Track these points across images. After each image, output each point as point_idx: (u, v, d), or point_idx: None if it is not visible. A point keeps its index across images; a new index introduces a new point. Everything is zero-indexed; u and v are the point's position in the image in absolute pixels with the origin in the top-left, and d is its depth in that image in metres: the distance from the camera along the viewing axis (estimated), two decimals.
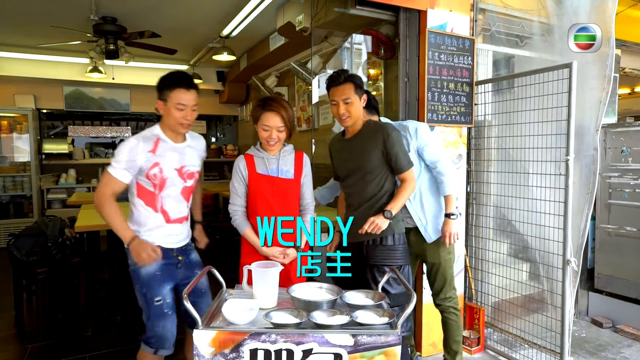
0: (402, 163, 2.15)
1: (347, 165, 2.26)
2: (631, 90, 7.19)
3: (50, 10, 4.27)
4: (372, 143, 2.16)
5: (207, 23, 4.71)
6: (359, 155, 2.19)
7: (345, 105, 2.13)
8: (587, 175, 2.81)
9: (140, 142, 1.99)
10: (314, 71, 3.94)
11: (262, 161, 2.11)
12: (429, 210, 2.46)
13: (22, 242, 3.31)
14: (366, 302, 1.61)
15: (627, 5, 4.02)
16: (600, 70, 2.79)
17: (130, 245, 1.98)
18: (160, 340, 2.05)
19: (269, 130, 2.05)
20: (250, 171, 2.10)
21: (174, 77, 2.01)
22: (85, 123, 7.70)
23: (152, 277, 2.03)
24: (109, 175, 2.01)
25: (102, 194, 2.00)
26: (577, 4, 2.87)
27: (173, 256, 2.09)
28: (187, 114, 2.00)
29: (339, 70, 2.20)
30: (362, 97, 2.19)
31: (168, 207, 2.07)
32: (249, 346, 1.36)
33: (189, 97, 1.99)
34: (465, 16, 2.97)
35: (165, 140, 2.05)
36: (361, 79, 2.20)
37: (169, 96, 1.99)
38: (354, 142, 2.23)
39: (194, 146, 2.17)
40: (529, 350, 2.93)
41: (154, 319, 2.04)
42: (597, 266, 3.69)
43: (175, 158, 2.06)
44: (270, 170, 2.10)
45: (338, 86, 2.14)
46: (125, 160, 1.97)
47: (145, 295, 2.03)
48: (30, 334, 3.35)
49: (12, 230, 5.58)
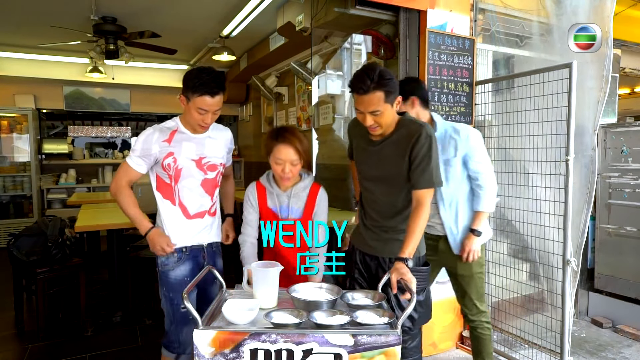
0: (420, 177, 1.79)
1: (372, 171, 1.96)
2: (631, 90, 7.20)
3: (50, 10, 4.27)
4: (401, 150, 1.83)
5: (207, 23, 4.71)
6: (386, 164, 1.88)
7: (373, 117, 1.78)
8: (586, 175, 2.81)
9: (156, 132, 1.96)
10: (314, 71, 3.94)
11: (272, 196, 2.02)
12: (462, 220, 2.29)
13: (22, 242, 3.30)
14: (366, 302, 1.60)
15: (627, 5, 4.02)
16: (598, 70, 2.79)
17: (147, 236, 1.96)
18: (182, 346, 2.02)
19: (281, 163, 1.91)
20: (260, 203, 2.04)
21: (201, 80, 1.84)
22: (85, 123, 7.70)
23: (182, 282, 1.98)
24: (125, 165, 1.99)
25: (117, 183, 1.98)
26: (576, 4, 2.87)
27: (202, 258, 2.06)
28: (208, 118, 1.92)
29: (365, 70, 1.75)
30: (396, 101, 1.80)
31: (186, 200, 2.00)
32: (249, 346, 1.36)
33: (213, 102, 1.89)
34: (465, 16, 2.97)
35: (182, 132, 1.99)
36: (394, 80, 1.77)
37: (192, 98, 1.88)
38: (384, 149, 1.89)
39: (215, 137, 2.07)
40: (529, 350, 2.92)
41: (178, 324, 2.01)
42: (597, 266, 3.69)
43: (192, 149, 1.99)
44: (280, 208, 2.01)
45: (363, 95, 1.74)
46: (140, 149, 1.94)
47: (172, 300, 2.00)
48: (30, 334, 3.35)
49: (12, 230, 5.58)
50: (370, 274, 2.04)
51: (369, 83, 1.71)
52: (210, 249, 2.11)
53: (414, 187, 1.82)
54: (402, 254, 1.73)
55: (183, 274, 1.99)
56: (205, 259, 2.06)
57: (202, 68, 1.89)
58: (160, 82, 6.86)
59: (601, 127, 3.62)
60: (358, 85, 1.74)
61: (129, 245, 3.91)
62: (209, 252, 2.09)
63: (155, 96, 7.19)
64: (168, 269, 1.99)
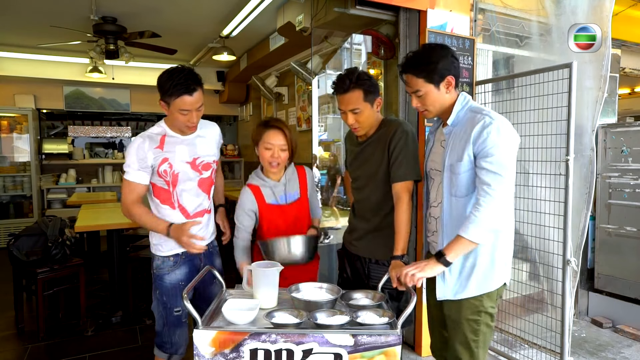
0: (397, 170, 1.84)
1: (357, 172, 2.06)
2: (631, 90, 7.19)
3: (50, 10, 4.27)
4: (381, 147, 1.91)
5: (207, 23, 4.71)
6: (369, 162, 1.96)
7: (353, 115, 1.88)
8: (585, 175, 2.81)
9: (146, 141, 1.90)
10: (314, 71, 3.94)
11: (269, 191, 2.05)
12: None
13: (22, 242, 3.31)
14: (366, 302, 1.61)
15: (627, 5, 4.02)
16: (596, 70, 2.79)
17: (170, 236, 1.90)
18: (175, 346, 2.02)
19: (271, 148, 1.97)
20: (260, 204, 2.04)
21: (175, 81, 1.79)
22: (85, 123, 7.70)
23: (176, 286, 1.97)
24: (126, 182, 1.92)
25: (125, 204, 1.93)
26: (575, 4, 2.87)
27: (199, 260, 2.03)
28: (192, 117, 1.88)
29: (345, 72, 1.88)
30: (376, 101, 1.90)
31: (185, 201, 1.98)
32: (249, 346, 1.36)
33: (192, 100, 1.83)
34: (465, 16, 2.97)
35: (172, 135, 1.96)
36: (372, 81, 1.88)
37: (170, 101, 1.84)
38: (366, 149, 1.98)
39: (205, 135, 2.04)
40: (529, 350, 2.93)
41: (170, 327, 2.00)
42: (597, 266, 3.69)
43: (185, 151, 1.96)
44: (280, 199, 2.05)
45: (343, 94, 1.86)
46: (136, 161, 1.88)
47: (165, 304, 1.99)
48: (30, 334, 3.35)
49: (12, 230, 5.58)
50: (356, 274, 2.08)
51: (348, 83, 1.84)
52: (207, 251, 2.08)
53: (392, 181, 1.87)
54: (396, 252, 1.79)
55: (178, 278, 1.98)
56: (202, 261, 2.05)
57: (171, 69, 1.84)
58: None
59: (601, 127, 3.62)
60: (339, 85, 1.88)
61: (129, 245, 3.92)
62: (205, 254, 2.06)
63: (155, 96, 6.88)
64: (163, 273, 1.98)
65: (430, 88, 1.69)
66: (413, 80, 1.70)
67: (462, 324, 1.72)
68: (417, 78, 1.68)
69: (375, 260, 1.99)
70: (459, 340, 1.74)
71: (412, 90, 1.72)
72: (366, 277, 2.02)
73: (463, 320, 1.72)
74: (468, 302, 1.71)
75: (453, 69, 1.69)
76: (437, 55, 1.68)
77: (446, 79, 1.68)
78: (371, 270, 2.00)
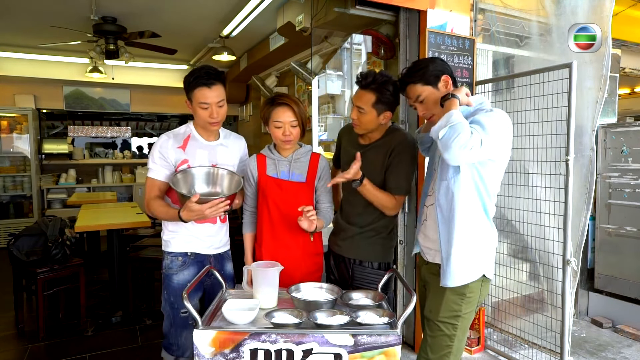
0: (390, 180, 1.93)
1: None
2: (631, 90, 7.20)
3: (50, 10, 4.27)
4: (382, 154, 1.96)
5: (207, 23, 4.71)
6: (369, 168, 1.94)
7: (357, 112, 1.92)
8: (585, 175, 2.81)
9: (170, 139, 1.95)
10: (314, 71, 3.94)
11: (272, 162, 2.00)
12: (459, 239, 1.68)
13: (22, 242, 3.31)
14: (366, 302, 1.61)
15: (627, 5, 4.02)
16: (596, 70, 2.79)
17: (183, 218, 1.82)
18: (181, 349, 2.02)
19: (281, 126, 1.91)
20: (260, 172, 2.01)
21: (195, 75, 1.88)
22: (85, 123, 7.71)
23: (183, 287, 1.94)
24: (148, 180, 1.96)
25: (147, 200, 1.96)
26: (575, 4, 2.87)
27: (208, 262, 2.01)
28: (213, 112, 1.90)
29: (377, 72, 1.92)
30: (384, 113, 1.91)
31: None
32: (249, 346, 1.36)
33: (212, 94, 1.88)
34: (465, 16, 2.97)
35: (195, 138, 1.98)
36: (392, 96, 1.88)
37: (192, 96, 1.90)
38: (368, 153, 1.97)
39: (227, 145, 2.07)
40: (529, 350, 2.93)
41: (177, 328, 2.00)
42: (597, 266, 3.69)
43: (205, 156, 1.98)
44: (280, 174, 1.99)
45: (360, 89, 1.93)
46: (159, 158, 1.92)
47: (172, 304, 1.98)
48: (30, 334, 3.35)
49: (12, 230, 5.59)
50: (341, 275, 2.09)
51: (369, 81, 1.88)
52: (218, 254, 2.07)
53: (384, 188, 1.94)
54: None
55: (186, 278, 1.97)
56: (211, 263, 2.03)
57: (196, 67, 1.92)
58: (160, 82, 6.86)
59: (601, 127, 3.62)
60: (362, 78, 1.92)
61: (129, 245, 3.92)
62: (216, 257, 2.06)
63: (155, 96, 7.19)
64: (172, 273, 1.98)
65: (429, 89, 1.72)
66: (412, 89, 1.75)
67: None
68: (415, 85, 1.74)
69: (359, 261, 2.02)
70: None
71: (414, 98, 1.76)
72: (350, 278, 2.03)
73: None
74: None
75: (445, 69, 1.74)
76: (426, 61, 1.78)
77: (442, 79, 1.72)
78: (355, 272, 2.02)
